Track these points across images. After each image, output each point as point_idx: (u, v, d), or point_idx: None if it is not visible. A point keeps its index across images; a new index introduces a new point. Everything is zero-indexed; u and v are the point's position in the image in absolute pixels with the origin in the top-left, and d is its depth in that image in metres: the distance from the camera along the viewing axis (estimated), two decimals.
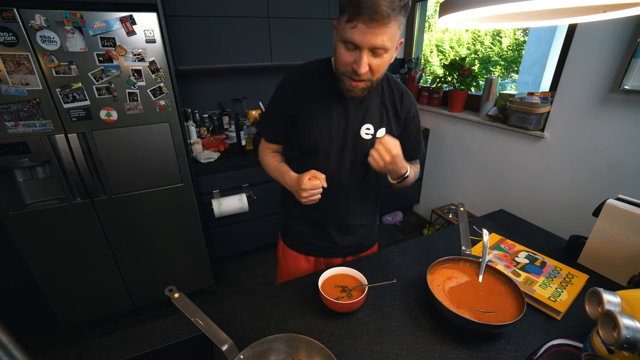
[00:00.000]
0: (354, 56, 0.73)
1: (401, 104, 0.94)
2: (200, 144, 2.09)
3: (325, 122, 0.89)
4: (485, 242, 0.90)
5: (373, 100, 0.91)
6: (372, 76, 0.77)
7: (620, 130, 1.54)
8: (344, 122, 0.90)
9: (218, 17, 1.91)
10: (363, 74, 0.74)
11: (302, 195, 0.83)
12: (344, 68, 0.77)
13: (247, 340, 0.67)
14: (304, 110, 0.89)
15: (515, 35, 6.31)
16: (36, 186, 1.53)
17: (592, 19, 0.59)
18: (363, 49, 0.70)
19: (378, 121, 0.92)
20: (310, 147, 0.92)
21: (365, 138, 0.92)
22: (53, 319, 1.75)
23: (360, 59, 0.72)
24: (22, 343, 0.38)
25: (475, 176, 2.42)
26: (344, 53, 0.74)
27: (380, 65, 0.75)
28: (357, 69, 0.73)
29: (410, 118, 0.96)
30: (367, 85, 0.79)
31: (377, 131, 0.92)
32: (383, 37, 0.68)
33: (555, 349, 0.65)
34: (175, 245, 1.89)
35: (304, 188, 0.82)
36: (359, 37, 0.69)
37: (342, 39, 0.73)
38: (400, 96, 0.94)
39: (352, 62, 0.74)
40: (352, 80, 0.78)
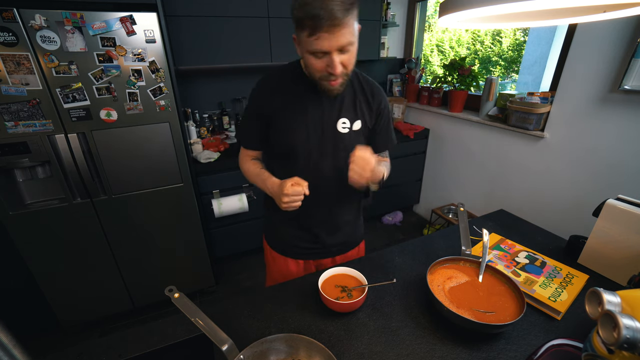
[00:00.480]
0: (325, 61, 0.76)
1: (372, 97, 0.97)
2: (200, 144, 2.09)
3: (301, 120, 0.91)
4: (485, 242, 0.90)
5: (346, 94, 0.93)
6: (347, 70, 0.80)
7: (620, 130, 1.54)
8: (320, 118, 0.92)
9: (218, 17, 1.91)
10: (339, 73, 0.78)
11: (282, 200, 0.84)
12: (319, 74, 0.80)
13: (247, 340, 0.67)
14: (279, 111, 0.91)
15: (515, 35, 6.31)
16: (36, 186, 1.53)
17: (592, 19, 0.59)
18: (332, 52, 0.74)
19: (353, 114, 0.94)
20: (289, 147, 0.93)
21: (343, 132, 0.94)
22: (53, 319, 1.75)
23: (332, 62, 0.75)
24: (22, 343, 0.38)
25: (475, 176, 2.42)
26: (315, 62, 0.78)
27: (350, 58, 0.78)
28: (332, 71, 0.77)
29: (381, 109, 0.99)
30: (344, 79, 0.83)
31: (353, 124, 0.95)
32: (346, 35, 0.72)
33: (555, 349, 0.65)
34: (175, 245, 1.89)
35: (286, 193, 0.82)
36: (326, 44, 0.72)
37: (309, 51, 0.76)
38: (370, 90, 0.97)
39: (326, 67, 0.77)
40: (330, 82, 0.81)
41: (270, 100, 0.91)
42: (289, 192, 0.82)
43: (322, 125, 0.92)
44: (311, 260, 1.12)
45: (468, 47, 7.08)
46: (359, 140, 0.97)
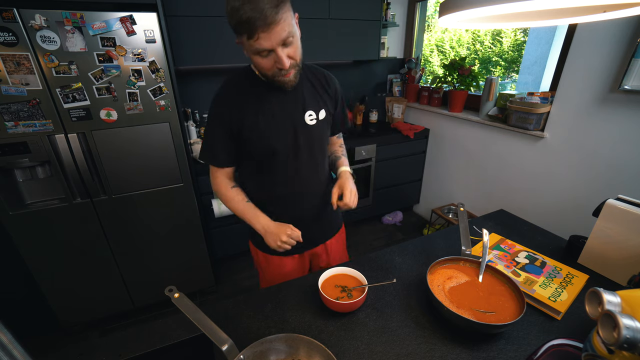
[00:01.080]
0: (272, 58, 0.79)
1: (328, 85, 1.01)
2: (200, 144, 2.09)
3: (270, 122, 0.92)
4: (485, 242, 0.90)
5: (305, 88, 0.96)
6: (296, 61, 0.83)
7: (620, 130, 1.54)
8: (288, 115, 0.94)
9: (218, 17, 1.90)
10: (288, 67, 0.80)
11: (281, 239, 0.91)
12: (271, 72, 0.82)
13: (247, 340, 0.67)
14: (246, 118, 0.90)
15: (515, 35, 6.31)
16: (36, 186, 1.53)
17: (592, 19, 0.59)
18: (275, 48, 0.76)
19: (316, 105, 0.98)
20: (266, 151, 0.94)
21: (311, 124, 0.97)
22: (53, 319, 1.75)
23: (279, 57, 0.77)
24: (22, 343, 0.38)
25: (475, 176, 2.42)
26: (262, 61, 0.80)
27: (295, 49, 0.81)
28: (281, 66, 0.79)
29: (337, 93, 1.05)
30: (296, 70, 0.85)
31: (319, 114, 0.98)
32: (284, 30, 0.74)
33: (555, 349, 0.65)
34: (175, 245, 1.89)
35: (288, 235, 0.91)
36: (267, 43, 0.74)
37: (254, 52, 0.78)
38: (323, 77, 1.01)
39: (274, 64, 0.80)
40: (283, 76, 0.83)
41: (235, 112, 0.90)
42: (290, 235, 0.91)
43: (292, 123, 0.94)
44: (305, 252, 1.15)
45: (468, 47, 7.08)
46: (326, 128, 1.03)
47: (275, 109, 0.92)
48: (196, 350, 0.77)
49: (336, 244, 1.20)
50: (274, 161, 0.96)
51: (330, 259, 1.20)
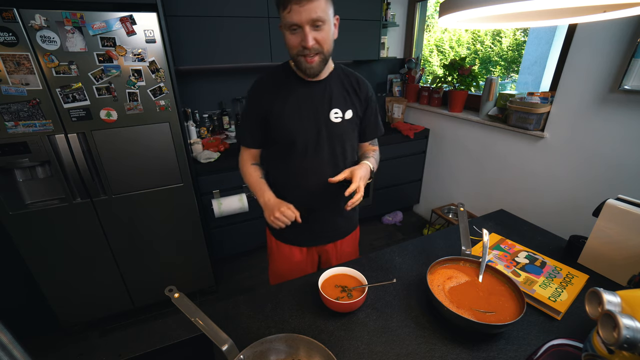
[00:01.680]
0: (300, 36, 0.83)
1: (359, 87, 1.04)
2: (200, 144, 2.09)
3: (296, 113, 0.97)
4: (485, 242, 0.90)
5: (335, 86, 1.00)
6: (322, 47, 0.86)
7: (620, 130, 1.54)
8: (313, 110, 0.98)
9: (218, 17, 1.91)
10: (312, 46, 0.84)
11: (273, 215, 0.93)
12: (295, 50, 0.86)
13: (247, 340, 0.67)
14: (275, 106, 0.97)
15: (515, 35, 6.31)
16: (36, 186, 1.53)
17: (592, 19, 0.59)
18: (304, 25, 0.81)
19: (344, 105, 1.01)
20: (288, 139, 0.99)
21: (336, 121, 1.00)
22: (53, 319, 1.75)
23: (305, 35, 0.82)
24: (22, 343, 0.38)
25: (476, 176, 2.42)
26: (291, 38, 0.85)
27: (324, 36, 0.85)
28: (305, 44, 0.83)
29: (369, 98, 1.06)
30: (320, 58, 0.88)
31: (345, 114, 1.01)
32: (316, 10, 0.80)
33: (555, 349, 0.65)
34: (175, 245, 1.89)
35: (282, 211, 0.92)
36: (297, 17, 0.80)
37: (285, 26, 0.84)
38: (356, 80, 1.04)
39: (300, 42, 0.84)
40: (307, 57, 0.86)
41: (266, 99, 0.97)
42: (283, 212, 0.92)
43: (316, 117, 0.98)
44: (313, 247, 1.17)
45: (468, 47, 7.08)
46: (352, 129, 1.05)
47: (302, 101, 0.97)
48: (196, 350, 0.77)
49: (347, 245, 1.21)
50: (294, 151, 1.00)
51: (339, 259, 1.20)
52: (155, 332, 0.77)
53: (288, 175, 1.06)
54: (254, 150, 1.09)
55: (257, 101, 0.99)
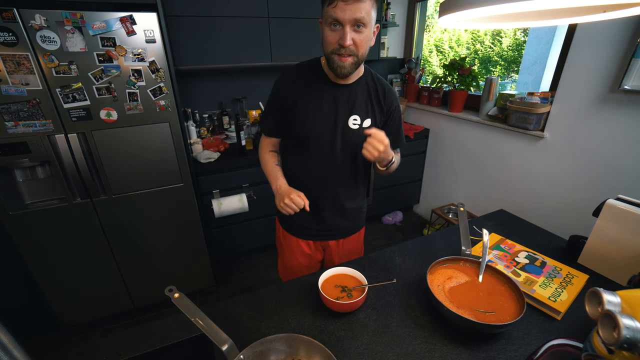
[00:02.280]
0: (339, 33, 0.82)
1: (384, 98, 1.03)
2: (200, 144, 2.09)
3: (317, 112, 0.97)
4: (485, 242, 0.90)
5: (359, 93, 1.00)
6: (358, 51, 0.85)
7: (620, 130, 1.54)
8: (334, 112, 0.98)
9: (218, 17, 1.90)
10: (349, 46, 0.83)
11: (283, 201, 0.92)
12: (332, 47, 0.85)
13: (247, 340, 0.67)
14: (298, 101, 0.97)
15: (515, 35, 6.31)
16: (36, 186, 1.53)
17: (592, 19, 0.59)
18: (345, 24, 0.80)
19: (364, 113, 1.00)
20: (304, 136, 1.00)
21: (353, 128, 1.00)
22: (53, 319, 1.75)
23: (345, 33, 0.81)
24: (22, 343, 0.38)
25: (476, 176, 2.42)
26: (330, 34, 0.84)
27: (362, 40, 0.84)
28: (343, 43, 0.82)
29: (392, 110, 1.05)
30: (354, 60, 0.87)
31: (364, 122, 1.00)
32: (361, 10, 0.79)
33: (555, 349, 0.65)
34: (175, 245, 1.89)
35: (291, 198, 0.91)
36: (341, 14, 0.79)
37: (326, 21, 0.83)
38: (383, 90, 1.04)
39: (338, 39, 0.83)
40: (341, 56, 0.86)
41: (291, 92, 0.98)
42: (292, 199, 0.91)
43: (335, 120, 0.98)
44: (318, 241, 1.19)
45: (468, 47, 7.08)
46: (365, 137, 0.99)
47: (325, 103, 0.97)
48: (196, 350, 0.77)
49: (350, 245, 1.22)
50: (308, 149, 1.01)
51: (342, 257, 1.22)
52: (155, 332, 0.77)
53: (299, 169, 1.08)
54: (273, 138, 1.10)
55: (282, 93, 1.00)
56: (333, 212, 1.12)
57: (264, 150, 1.11)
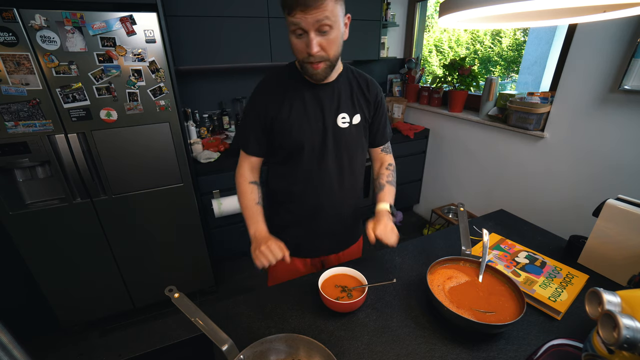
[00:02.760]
0: (305, 41, 0.78)
1: (368, 90, 0.99)
2: (200, 144, 2.09)
3: (302, 117, 0.92)
4: (485, 242, 0.90)
5: (343, 89, 0.95)
6: (328, 54, 0.81)
7: (620, 130, 1.54)
8: (320, 114, 0.92)
9: (218, 17, 1.91)
10: (316, 54, 0.79)
11: (259, 248, 0.86)
12: (301, 56, 0.82)
13: (247, 340, 0.67)
14: (281, 109, 0.91)
15: (515, 35, 6.32)
16: (36, 186, 1.53)
17: (592, 19, 0.59)
18: (309, 31, 0.76)
19: (352, 109, 0.96)
20: (293, 145, 0.93)
21: (343, 127, 0.95)
22: (53, 319, 1.75)
23: (310, 41, 0.77)
24: (22, 343, 0.38)
25: (475, 176, 2.42)
26: (296, 42, 0.80)
27: (330, 42, 0.79)
28: (310, 51, 0.78)
29: (378, 102, 1.01)
30: (326, 64, 0.83)
31: (353, 118, 0.96)
32: (322, 15, 0.74)
33: (555, 349, 0.65)
34: (175, 245, 1.89)
35: (268, 246, 0.86)
36: (303, 22, 0.75)
37: (290, 30, 0.79)
38: (366, 83, 0.99)
39: (305, 47, 0.79)
40: (312, 64, 0.82)
41: (271, 100, 0.92)
42: (270, 247, 0.85)
43: (323, 122, 0.93)
44: (316, 258, 1.13)
45: (467, 47, 7.08)
46: (359, 134, 0.98)
47: (309, 106, 0.92)
48: (196, 350, 0.77)
49: (350, 256, 1.16)
50: (298, 158, 0.95)
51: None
52: (155, 332, 0.77)
53: (290, 182, 1.00)
54: (254, 159, 1.00)
55: (262, 103, 0.93)
56: (330, 224, 1.05)
57: (242, 180, 1.00)
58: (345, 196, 1.04)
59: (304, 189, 0.99)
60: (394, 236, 0.90)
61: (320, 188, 0.99)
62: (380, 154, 1.11)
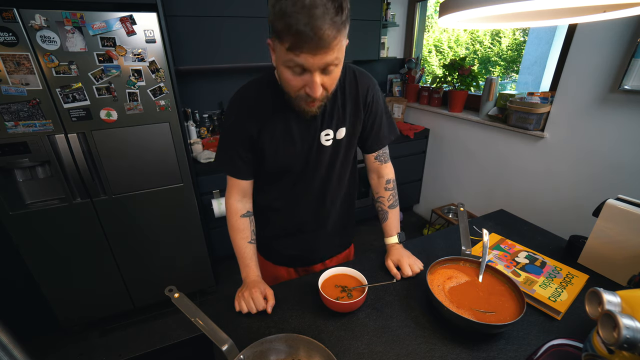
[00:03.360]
0: (304, 80, 0.66)
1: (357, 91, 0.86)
2: (200, 144, 2.09)
3: (287, 137, 0.82)
4: (485, 242, 0.90)
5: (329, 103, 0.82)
6: (328, 91, 0.71)
7: (620, 130, 1.54)
8: (304, 134, 0.83)
9: (218, 17, 1.91)
10: (320, 96, 0.68)
11: (244, 295, 0.82)
12: (296, 93, 0.70)
13: (247, 340, 0.67)
14: (264, 128, 0.81)
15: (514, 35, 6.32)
16: (36, 186, 1.53)
17: (592, 19, 0.59)
18: (314, 71, 0.64)
19: (336, 123, 0.84)
20: (277, 169, 0.87)
21: (326, 145, 0.85)
22: (53, 319, 1.75)
23: (313, 82, 0.65)
24: (22, 343, 0.38)
25: (475, 176, 2.42)
26: (292, 78, 0.66)
27: (333, 79, 0.70)
28: (311, 93, 0.67)
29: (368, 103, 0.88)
30: (323, 101, 0.73)
31: (337, 133, 0.86)
32: (332, 57, 0.63)
33: (555, 349, 0.65)
34: (175, 245, 1.89)
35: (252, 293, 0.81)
36: (308, 64, 0.62)
37: (287, 64, 0.64)
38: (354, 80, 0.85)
39: (304, 86, 0.67)
40: (308, 103, 0.71)
41: (252, 117, 0.81)
42: (253, 296, 0.81)
43: (310, 142, 0.84)
44: (300, 268, 1.10)
45: (467, 47, 7.08)
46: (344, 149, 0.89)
47: (294, 127, 0.82)
48: (196, 350, 0.77)
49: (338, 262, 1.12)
50: (282, 177, 0.89)
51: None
52: (155, 332, 0.77)
53: (272, 197, 0.94)
54: (245, 183, 0.89)
55: (241, 121, 0.81)
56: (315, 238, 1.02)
57: (233, 213, 0.90)
58: (331, 210, 0.99)
59: (287, 205, 0.94)
60: (417, 263, 0.94)
61: (304, 204, 0.94)
62: (374, 164, 1.00)
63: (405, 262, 0.93)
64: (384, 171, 1.01)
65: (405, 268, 0.92)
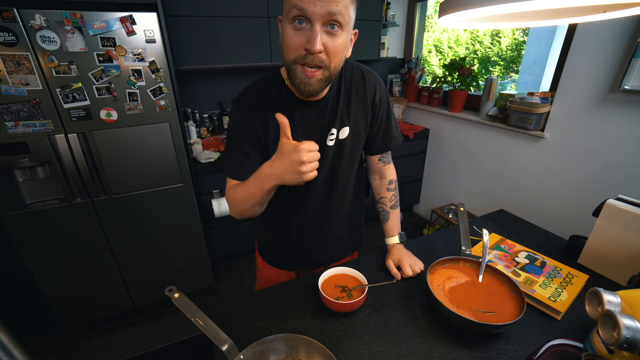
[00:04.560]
0: (306, 35, 0.62)
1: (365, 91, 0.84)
2: (200, 144, 2.09)
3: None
4: (485, 242, 0.90)
5: (334, 102, 0.80)
6: (330, 62, 0.66)
7: (620, 130, 1.54)
8: (311, 133, 0.81)
9: (218, 17, 1.91)
10: (318, 52, 0.63)
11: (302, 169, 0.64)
12: (295, 53, 0.64)
13: (247, 340, 0.67)
14: (269, 129, 0.78)
15: (514, 35, 6.32)
16: (36, 186, 1.53)
17: (592, 19, 0.59)
18: (315, 21, 0.61)
19: (340, 122, 0.82)
20: None
21: (329, 145, 0.83)
22: (53, 318, 1.75)
23: (314, 34, 0.61)
24: (22, 343, 0.38)
25: (475, 176, 2.42)
26: (292, 35, 0.63)
27: (336, 47, 0.65)
28: (311, 47, 0.62)
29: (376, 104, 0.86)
30: (324, 75, 0.67)
31: (340, 132, 0.83)
32: (335, 7, 0.60)
33: (555, 349, 0.65)
34: (175, 245, 1.89)
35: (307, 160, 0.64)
36: (310, 5, 0.59)
37: (288, 14, 0.62)
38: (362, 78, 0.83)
39: (304, 43, 0.63)
40: (307, 68, 0.65)
41: (257, 118, 0.78)
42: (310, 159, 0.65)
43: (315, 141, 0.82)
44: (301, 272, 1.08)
45: (467, 47, 7.08)
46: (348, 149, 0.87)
47: (299, 129, 0.79)
48: (196, 350, 0.77)
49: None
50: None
51: None
52: (155, 332, 0.77)
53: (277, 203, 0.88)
54: None
55: (247, 122, 0.79)
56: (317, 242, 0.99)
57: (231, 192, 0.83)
58: (335, 213, 0.96)
59: (289, 208, 0.92)
60: (418, 263, 0.94)
61: (308, 207, 0.91)
62: (377, 165, 0.99)
63: (406, 262, 0.93)
64: (387, 172, 1.01)
65: (406, 268, 0.92)
